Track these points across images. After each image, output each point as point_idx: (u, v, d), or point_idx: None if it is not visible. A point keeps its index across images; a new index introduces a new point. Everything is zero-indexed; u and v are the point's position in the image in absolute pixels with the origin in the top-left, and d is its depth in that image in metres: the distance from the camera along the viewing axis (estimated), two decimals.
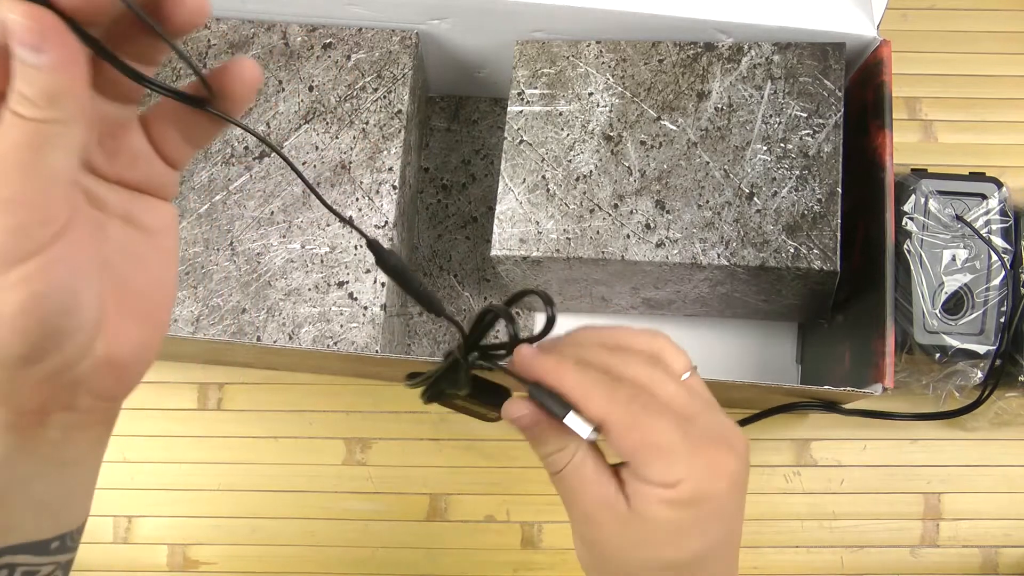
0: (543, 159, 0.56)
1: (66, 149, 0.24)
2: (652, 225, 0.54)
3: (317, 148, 0.58)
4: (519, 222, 0.55)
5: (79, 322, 0.25)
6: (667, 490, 0.32)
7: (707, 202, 0.54)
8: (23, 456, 0.27)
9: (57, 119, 0.23)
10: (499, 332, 0.65)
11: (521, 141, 0.56)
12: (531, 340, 0.35)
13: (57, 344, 0.25)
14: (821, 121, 0.54)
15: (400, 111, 0.59)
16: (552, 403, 0.34)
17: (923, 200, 0.60)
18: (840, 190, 0.52)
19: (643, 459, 0.33)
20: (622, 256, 0.53)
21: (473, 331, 0.36)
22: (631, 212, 0.54)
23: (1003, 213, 0.59)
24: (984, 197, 0.60)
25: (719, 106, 0.55)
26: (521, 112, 0.57)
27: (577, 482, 0.35)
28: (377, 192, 0.58)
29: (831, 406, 0.61)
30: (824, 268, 0.51)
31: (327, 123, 0.59)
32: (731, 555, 0.36)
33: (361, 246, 0.57)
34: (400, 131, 0.58)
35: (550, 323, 0.35)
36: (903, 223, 0.60)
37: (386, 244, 0.57)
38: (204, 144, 0.29)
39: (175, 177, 0.29)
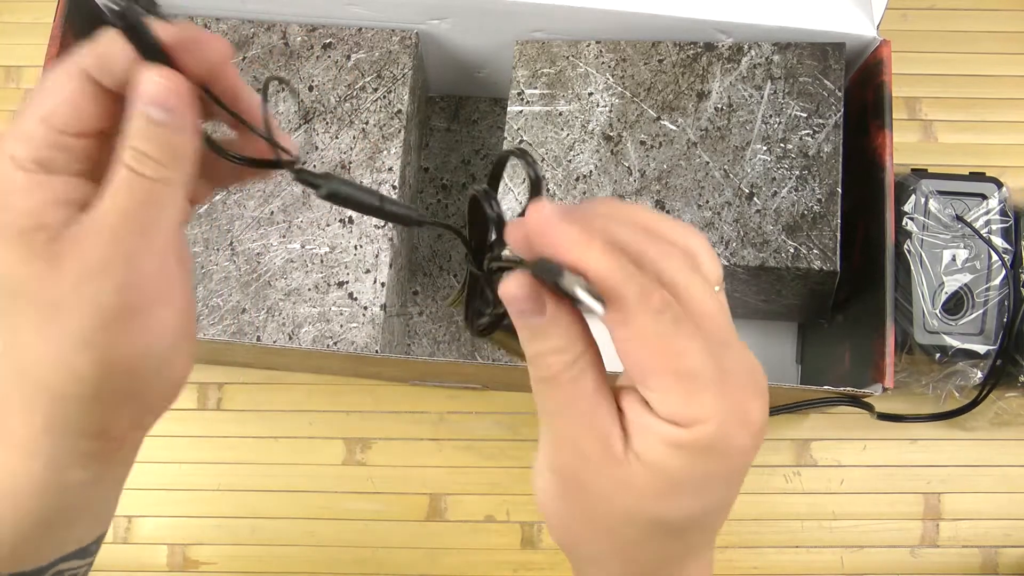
0: (543, 159, 0.56)
1: (179, 206, 0.26)
2: None
3: (317, 148, 0.58)
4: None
5: (172, 356, 0.27)
6: (679, 430, 0.26)
7: (707, 202, 0.54)
8: (99, 476, 0.29)
9: (173, 179, 0.25)
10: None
11: (521, 141, 0.56)
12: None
13: (158, 380, 0.27)
14: (821, 121, 0.54)
15: (400, 111, 0.59)
16: (561, 277, 0.25)
17: (923, 200, 0.60)
18: (840, 190, 0.52)
19: (660, 384, 0.26)
20: None
21: (472, 231, 0.30)
22: None
23: (1003, 213, 0.59)
24: (984, 197, 0.60)
25: (719, 106, 0.55)
26: (521, 112, 0.57)
27: (570, 397, 0.27)
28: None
29: (857, 401, 0.59)
30: (824, 268, 0.51)
31: (327, 123, 0.59)
32: (723, 519, 0.30)
33: (361, 246, 0.57)
34: (400, 131, 0.58)
35: (536, 187, 0.28)
36: (903, 223, 0.60)
37: (386, 244, 0.57)
38: (229, 186, 0.31)
39: (212, 191, 0.31)
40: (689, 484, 0.26)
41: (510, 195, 0.56)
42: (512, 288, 0.26)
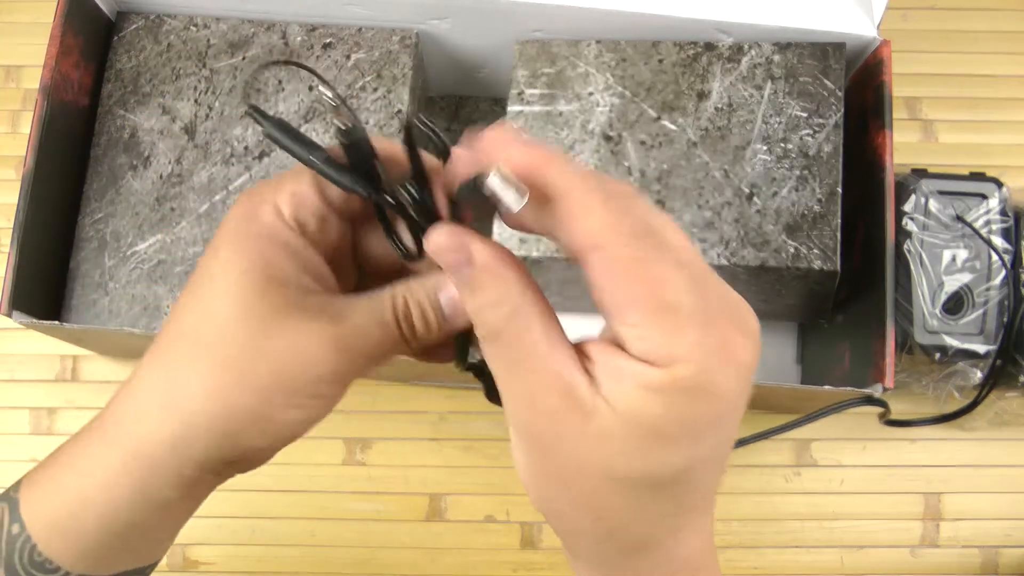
0: None
1: (385, 361, 0.30)
2: None
3: None
4: None
5: (282, 445, 0.30)
6: (658, 370, 0.23)
7: (707, 202, 0.54)
8: (181, 504, 0.30)
9: (418, 349, 0.31)
10: None
11: None
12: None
13: (257, 450, 0.30)
14: (821, 121, 0.54)
15: (400, 111, 0.59)
16: (483, 178, 0.23)
17: (923, 200, 0.60)
18: (840, 190, 0.52)
19: (639, 317, 0.23)
20: None
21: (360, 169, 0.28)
22: None
23: (1003, 213, 0.59)
24: (984, 197, 0.60)
25: (719, 106, 0.55)
26: (521, 112, 0.57)
27: (517, 351, 0.24)
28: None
29: (872, 400, 0.58)
30: (824, 268, 0.51)
31: (327, 123, 0.59)
32: (717, 476, 0.26)
33: None
34: (400, 131, 0.58)
35: (443, 154, 0.26)
36: (903, 223, 0.60)
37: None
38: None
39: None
40: (671, 432, 0.23)
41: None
42: (437, 238, 0.25)
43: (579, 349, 0.25)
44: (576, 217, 0.23)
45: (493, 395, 0.27)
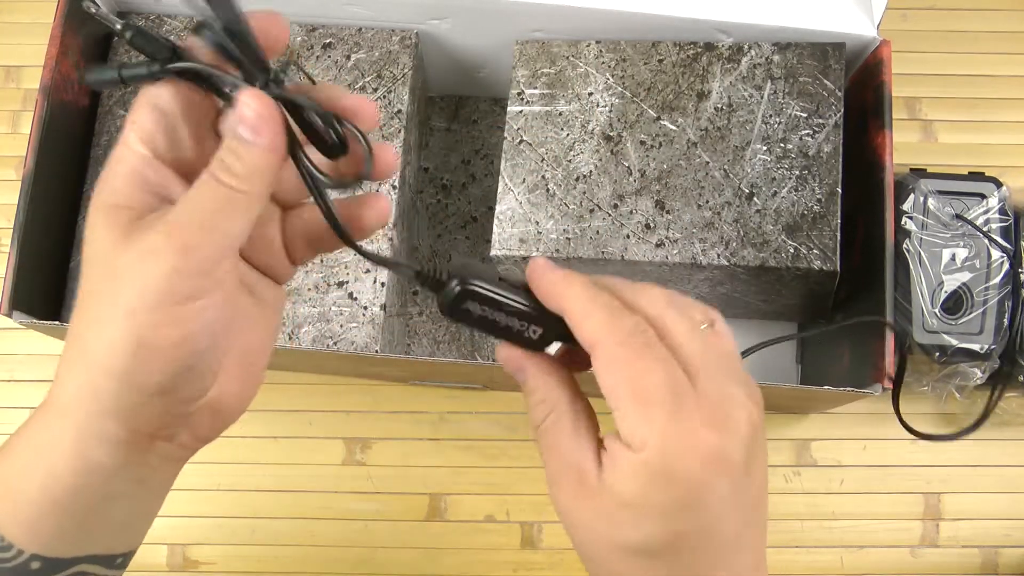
0: (543, 159, 0.56)
1: (247, 219, 0.28)
2: (652, 225, 0.54)
3: None
4: (519, 222, 0.55)
5: (209, 366, 0.29)
6: (633, 454, 0.28)
7: (707, 202, 0.54)
8: (123, 474, 0.30)
9: (249, 192, 0.27)
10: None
11: (521, 141, 0.56)
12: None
13: (188, 381, 0.28)
14: (821, 121, 0.54)
15: (400, 111, 0.59)
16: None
17: (922, 199, 0.60)
18: (840, 190, 0.52)
19: (620, 404, 0.28)
20: (622, 256, 0.53)
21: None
22: (631, 212, 0.54)
23: (1002, 212, 0.59)
24: (983, 196, 0.60)
25: (719, 106, 0.55)
26: (521, 112, 0.57)
27: (551, 440, 0.31)
28: (377, 192, 0.58)
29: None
30: (824, 268, 0.51)
31: None
32: (730, 559, 0.29)
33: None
34: (400, 131, 0.58)
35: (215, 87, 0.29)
36: (902, 222, 0.60)
37: (386, 244, 0.57)
38: (324, 252, 0.34)
39: (293, 270, 0.34)
40: (647, 509, 0.28)
41: (510, 195, 0.56)
42: (502, 355, 0.32)
43: (598, 439, 0.30)
44: (579, 324, 0.30)
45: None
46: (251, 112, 0.27)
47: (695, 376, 0.28)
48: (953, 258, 0.59)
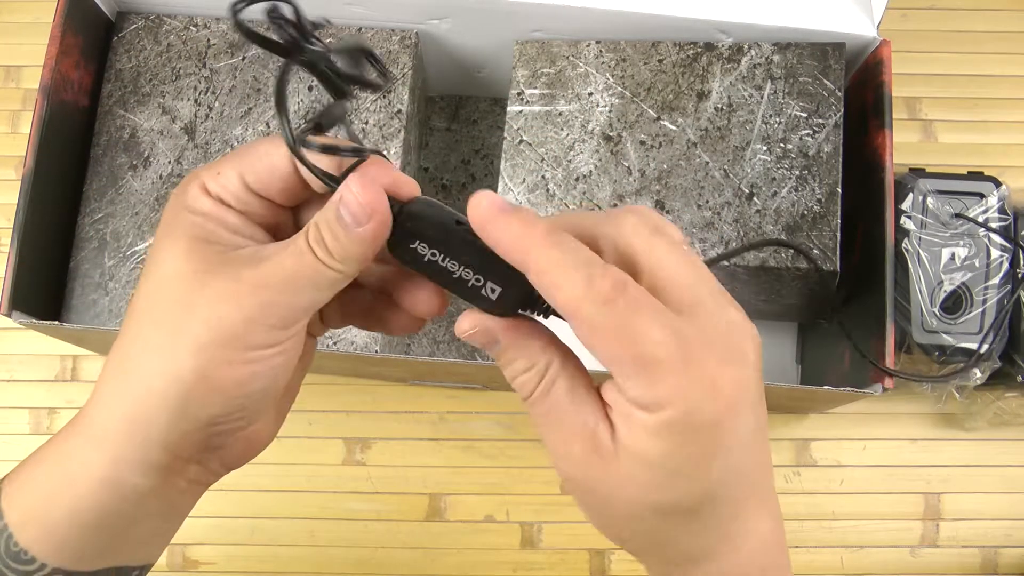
0: (543, 159, 0.56)
1: (332, 292, 0.28)
2: None
3: None
4: None
5: (258, 404, 0.30)
6: (650, 415, 0.25)
7: (707, 202, 0.54)
8: (154, 497, 0.30)
9: (342, 272, 0.27)
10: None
11: (521, 141, 0.56)
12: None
13: (239, 416, 0.29)
14: (821, 121, 0.54)
15: (400, 111, 0.59)
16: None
17: (921, 198, 0.60)
18: (840, 190, 0.52)
19: (622, 371, 0.26)
20: None
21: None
22: None
23: (1002, 212, 0.59)
24: (982, 196, 0.60)
25: (719, 106, 0.55)
26: (521, 112, 0.57)
27: (548, 408, 0.28)
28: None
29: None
30: (824, 268, 0.51)
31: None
32: (754, 492, 0.28)
33: None
34: (400, 131, 0.58)
35: (373, 86, 0.28)
36: (901, 221, 0.59)
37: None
38: (352, 323, 0.34)
39: (324, 329, 0.34)
40: (678, 467, 0.26)
41: (510, 195, 0.56)
42: (465, 327, 0.28)
43: (600, 391, 0.28)
44: (550, 289, 0.26)
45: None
46: (356, 201, 0.27)
47: (694, 311, 0.26)
48: (952, 258, 0.59)
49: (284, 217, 0.31)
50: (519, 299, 0.28)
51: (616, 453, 0.26)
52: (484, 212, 0.27)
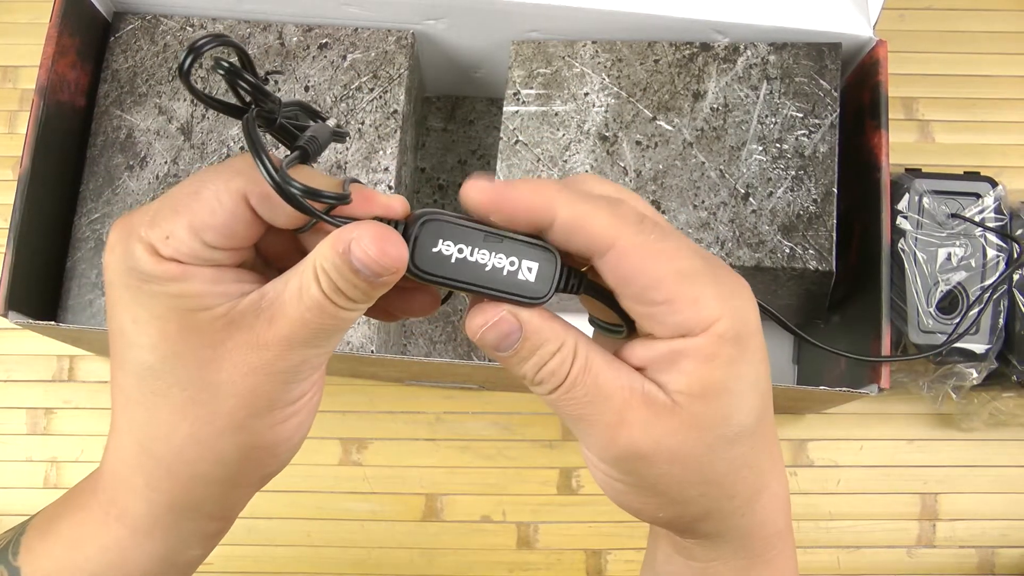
0: (539, 159, 0.56)
1: (339, 334, 0.26)
2: None
3: None
4: None
5: (292, 453, 0.29)
6: (699, 338, 0.25)
7: (703, 202, 0.54)
8: (218, 538, 0.30)
9: (364, 308, 0.26)
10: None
11: (517, 141, 0.56)
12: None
13: (274, 469, 0.29)
14: (817, 121, 0.54)
15: (396, 111, 0.59)
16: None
17: (917, 199, 0.60)
18: (836, 190, 0.52)
19: (663, 293, 0.25)
20: None
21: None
22: None
23: (998, 212, 0.59)
24: (979, 196, 0.60)
25: (715, 106, 0.55)
26: (517, 112, 0.57)
27: (589, 386, 0.26)
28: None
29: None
30: (820, 268, 0.51)
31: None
32: (770, 402, 0.29)
33: None
34: (396, 131, 0.58)
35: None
36: (897, 222, 0.59)
37: None
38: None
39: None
40: (740, 385, 0.26)
41: None
42: (480, 321, 0.26)
43: (622, 358, 0.27)
44: (584, 225, 0.25)
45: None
46: (372, 259, 0.24)
47: (698, 247, 0.27)
48: (949, 258, 0.59)
49: (250, 251, 0.28)
50: (553, 273, 0.27)
51: (675, 403, 0.26)
52: (491, 187, 0.26)
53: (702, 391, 0.25)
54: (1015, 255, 0.58)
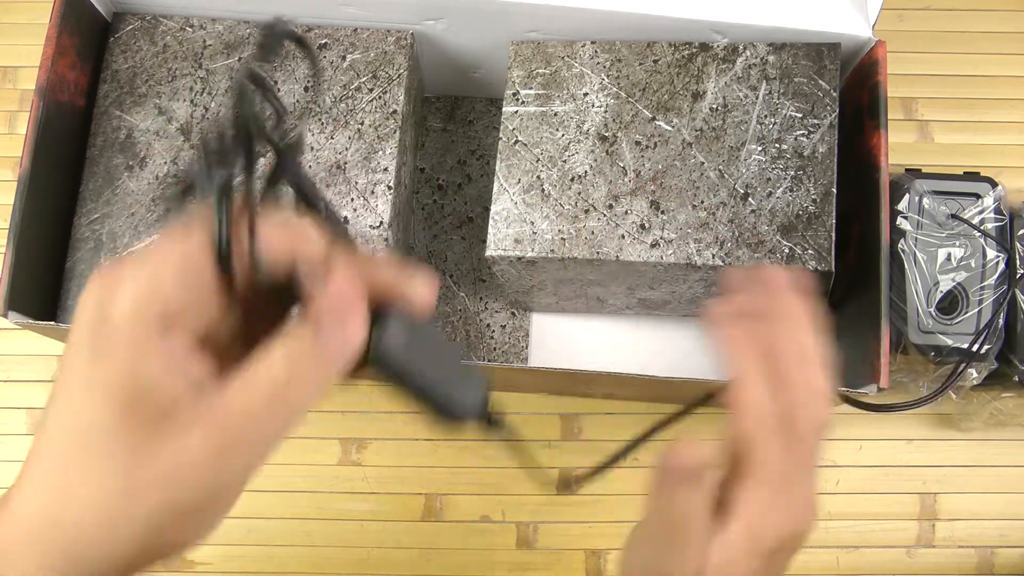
0: (538, 159, 0.56)
1: (318, 397, 0.27)
2: (647, 225, 0.54)
3: (312, 148, 0.58)
4: (514, 222, 0.55)
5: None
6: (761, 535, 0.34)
7: (702, 202, 0.54)
8: None
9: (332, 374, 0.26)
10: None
11: (516, 141, 0.56)
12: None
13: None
14: (816, 121, 0.54)
15: (395, 111, 0.59)
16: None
17: (917, 199, 0.60)
18: (835, 190, 0.52)
19: (762, 494, 0.34)
20: (617, 256, 0.53)
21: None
22: (626, 212, 0.54)
23: (998, 212, 0.59)
24: (978, 196, 0.60)
25: (714, 106, 0.55)
26: (516, 112, 0.57)
27: (694, 530, 0.33)
28: (372, 192, 0.58)
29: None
30: (819, 268, 0.51)
31: (322, 123, 0.59)
32: None
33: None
34: (395, 131, 0.58)
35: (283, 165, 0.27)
36: (896, 222, 0.60)
37: (381, 244, 0.57)
38: None
39: None
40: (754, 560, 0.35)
41: (505, 195, 0.56)
42: (692, 455, 0.32)
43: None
44: (747, 426, 0.33)
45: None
46: (338, 311, 0.25)
47: (808, 439, 0.33)
48: (948, 258, 0.59)
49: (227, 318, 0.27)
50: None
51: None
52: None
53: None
54: (1016, 255, 0.58)
